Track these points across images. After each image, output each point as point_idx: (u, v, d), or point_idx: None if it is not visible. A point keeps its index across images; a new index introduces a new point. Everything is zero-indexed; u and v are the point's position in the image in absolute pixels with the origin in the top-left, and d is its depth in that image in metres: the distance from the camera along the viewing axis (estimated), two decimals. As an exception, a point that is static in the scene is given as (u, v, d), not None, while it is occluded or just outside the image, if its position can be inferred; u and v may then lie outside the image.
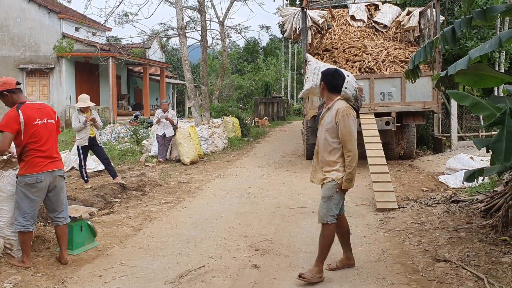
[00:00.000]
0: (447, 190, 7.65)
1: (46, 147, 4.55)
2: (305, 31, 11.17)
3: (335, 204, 4.27)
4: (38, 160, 4.49)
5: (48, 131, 4.61)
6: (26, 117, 4.44)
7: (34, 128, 4.48)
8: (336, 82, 4.23)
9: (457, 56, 11.31)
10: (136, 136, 15.34)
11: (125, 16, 18.24)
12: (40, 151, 4.51)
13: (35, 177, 4.47)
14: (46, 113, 4.66)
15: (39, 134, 4.51)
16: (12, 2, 22.65)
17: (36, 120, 4.52)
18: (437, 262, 4.46)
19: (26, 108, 4.51)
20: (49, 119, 4.66)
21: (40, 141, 4.51)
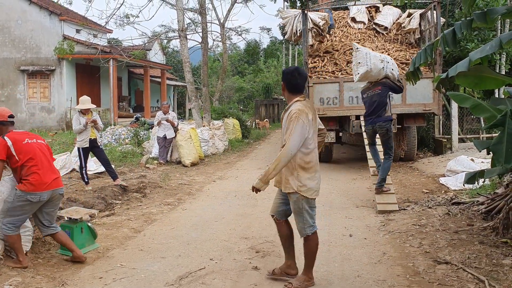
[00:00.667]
0: (448, 192, 7.64)
1: (44, 164, 4.61)
2: (305, 33, 11.18)
3: (308, 213, 4.04)
4: (42, 178, 4.53)
5: (41, 150, 4.68)
6: (13, 140, 4.53)
7: (25, 146, 4.55)
8: (295, 82, 4.00)
9: (457, 58, 11.31)
10: (137, 138, 15.34)
11: (126, 18, 18.32)
12: (40, 168, 4.56)
13: (38, 196, 4.53)
14: (34, 136, 4.78)
15: (33, 151, 4.58)
16: (13, 4, 22.67)
17: (25, 140, 4.61)
18: (438, 264, 4.46)
19: (12, 133, 4.62)
20: (38, 140, 4.76)
21: (35, 157, 4.57)
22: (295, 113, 3.84)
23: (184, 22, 16.27)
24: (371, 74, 7.32)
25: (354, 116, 10.33)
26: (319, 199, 7.66)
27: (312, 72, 11.26)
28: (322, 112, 10.54)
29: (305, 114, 3.86)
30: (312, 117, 3.94)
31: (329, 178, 9.81)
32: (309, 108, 3.95)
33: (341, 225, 6.10)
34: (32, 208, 4.59)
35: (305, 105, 3.94)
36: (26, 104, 23.01)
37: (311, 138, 3.94)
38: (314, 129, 3.99)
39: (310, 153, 3.93)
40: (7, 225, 4.50)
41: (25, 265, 4.55)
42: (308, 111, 3.91)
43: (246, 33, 35.32)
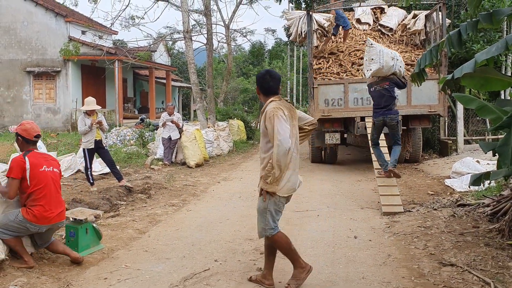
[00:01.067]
0: (453, 194, 7.61)
1: (52, 196, 4.62)
2: (310, 34, 11.18)
3: (271, 216, 3.98)
4: (45, 213, 4.54)
5: (53, 180, 4.68)
6: (32, 164, 4.53)
7: (40, 174, 4.56)
8: (267, 85, 4.03)
9: (463, 59, 11.27)
10: (142, 139, 15.40)
11: (131, 20, 18.38)
12: (48, 201, 4.57)
13: (38, 228, 4.58)
14: (51, 162, 4.75)
15: (45, 181, 4.58)
16: (20, 5, 22.82)
17: (42, 167, 4.60)
18: (443, 266, 4.44)
19: (33, 155, 4.61)
20: (54, 168, 4.75)
21: (46, 188, 4.57)
22: (271, 111, 3.85)
23: (189, 23, 16.31)
24: (382, 71, 7.64)
25: (359, 117, 10.31)
26: (324, 200, 7.69)
27: (317, 73, 11.25)
28: (327, 114, 10.52)
29: (281, 110, 3.87)
30: (288, 114, 3.91)
31: (334, 179, 9.79)
32: (284, 106, 3.94)
33: (346, 227, 6.08)
34: (28, 233, 4.65)
35: (280, 104, 3.95)
36: (32, 105, 23.14)
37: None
38: (291, 128, 3.92)
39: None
40: (2, 231, 4.54)
41: (31, 265, 4.57)
42: (283, 108, 3.91)
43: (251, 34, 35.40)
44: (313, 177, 10.14)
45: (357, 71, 11.05)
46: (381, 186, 7.31)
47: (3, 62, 23.15)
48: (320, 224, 6.29)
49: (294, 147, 3.97)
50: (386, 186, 7.27)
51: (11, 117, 23.15)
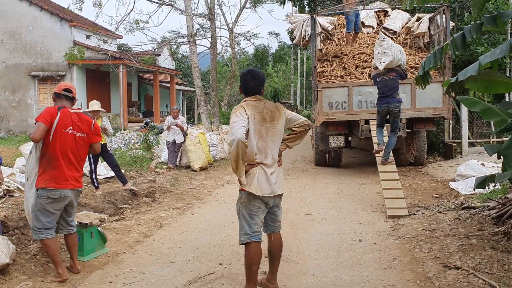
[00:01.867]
0: (458, 197, 7.59)
1: (71, 160, 4.49)
2: (314, 38, 11.18)
3: (245, 220, 3.94)
4: (62, 174, 4.41)
5: (76, 144, 4.53)
6: (60, 119, 4.39)
7: (63, 135, 4.41)
8: (247, 84, 3.97)
9: (467, 62, 11.25)
10: (147, 143, 15.43)
11: (136, 24, 18.45)
12: (64, 164, 4.42)
13: (59, 192, 4.40)
14: (80, 126, 4.56)
15: (66, 144, 4.44)
16: (25, 10, 22.98)
17: (67, 128, 4.46)
18: (449, 270, 4.42)
19: (64, 112, 4.47)
20: (79, 133, 4.55)
21: (65, 152, 4.43)
22: (233, 110, 3.89)
23: (193, 27, 16.38)
24: (392, 63, 8.31)
25: (364, 120, 10.30)
26: (329, 203, 7.69)
27: (321, 76, 11.26)
28: (331, 117, 10.52)
29: (242, 108, 3.84)
30: (253, 114, 3.82)
31: (338, 182, 9.78)
32: (253, 106, 3.87)
33: (351, 230, 6.08)
34: (56, 208, 4.47)
35: (248, 104, 3.90)
36: (37, 110, 23.23)
37: (252, 134, 3.82)
38: (258, 128, 3.83)
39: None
40: (35, 230, 4.44)
41: (65, 277, 4.43)
42: (248, 108, 3.85)
43: (255, 38, 35.49)
44: (317, 180, 10.14)
45: (361, 74, 11.04)
46: (386, 189, 7.29)
47: (9, 66, 23.30)
48: (325, 227, 6.29)
49: (261, 149, 3.86)
50: (391, 189, 7.26)
51: (16, 121, 23.27)
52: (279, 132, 3.97)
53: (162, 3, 17.31)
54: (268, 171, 3.90)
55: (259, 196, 3.89)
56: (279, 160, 4.04)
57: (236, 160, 3.70)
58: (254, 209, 3.93)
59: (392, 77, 8.31)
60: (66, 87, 4.66)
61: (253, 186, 3.85)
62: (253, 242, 3.91)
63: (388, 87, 8.30)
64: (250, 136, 3.82)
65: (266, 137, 3.89)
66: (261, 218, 3.98)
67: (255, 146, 3.84)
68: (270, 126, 3.90)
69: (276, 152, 3.97)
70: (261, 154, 3.88)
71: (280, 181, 3.99)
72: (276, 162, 3.98)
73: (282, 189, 4.03)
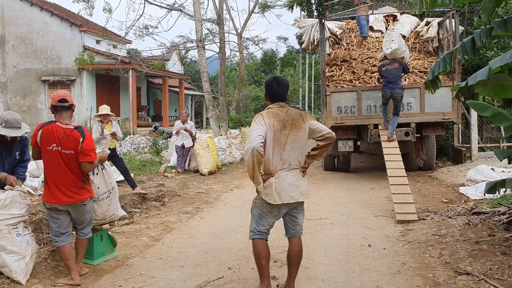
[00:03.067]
0: (468, 202, 7.54)
1: (61, 177, 4.42)
2: (323, 42, 11.19)
3: (254, 219, 4.08)
4: (54, 190, 4.41)
5: (64, 161, 4.41)
6: (42, 137, 4.41)
7: (47, 153, 4.42)
8: (273, 91, 4.05)
9: (476, 67, 11.19)
10: (156, 147, 15.51)
11: (145, 29, 18.54)
12: (54, 182, 4.42)
13: (53, 206, 4.45)
14: (65, 142, 4.40)
15: (52, 160, 4.42)
16: (36, 16, 23.23)
17: (51, 146, 4.40)
18: (459, 275, 4.40)
19: (48, 129, 4.43)
20: (66, 150, 4.40)
21: (52, 168, 4.43)
22: (254, 118, 3.98)
23: (202, 32, 16.45)
24: (397, 52, 9.45)
25: (373, 125, 10.28)
26: (337, 208, 7.68)
27: (329, 80, 11.25)
28: (340, 121, 10.50)
29: (261, 116, 3.93)
30: (273, 122, 3.89)
31: (347, 187, 9.76)
32: (274, 114, 3.94)
33: (360, 235, 6.06)
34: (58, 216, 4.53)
35: (269, 111, 3.98)
36: (47, 114, 23.43)
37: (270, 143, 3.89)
38: (277, 136, 3.89)
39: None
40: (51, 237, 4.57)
41: (77, 282, 4.44)
42: (268, 116, 3.93)
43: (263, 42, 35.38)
44: (326, 185, 10.12)
45: (370, 79, 11.02)
46: (395, 194, 7.27)
47: (19, 71, 23.53)
48: (334, 232, 6.28)
49: (277, 156, 3.92)
50: (400, 194, 7.23)
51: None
52: (300, 140, 4.00)
53: (171, 8, 17.41)
54: (285, 178, 3.94)
55: (274, 204, 3.97)
56: (304, 171, 4.07)
57: (252, 169, 3.78)
58: (265, 211, 4.02)
59: (396, 66, 9.47)
60: (60, 97, 4.48)
61: (269, 196, 3.92)
62: (258, 239, 4.05)
63: (393, 75, 9.43)
64: (267, 145, 3.88)
65: (286, 145, 3.93)
66: (270, 222, 4.07)
67: (272, 154, 3.91)
68: (290, 133, 3.94)
69: (295, 159, 3.99)
70: (279, 161, 3.94)
71: (300, 189, 4.00)
72: (296, 169, 4.01)
73: (301, 197, 4.02)
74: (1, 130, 4.65)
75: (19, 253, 4.43)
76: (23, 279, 4.37)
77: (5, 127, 4.66)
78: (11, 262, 4.37)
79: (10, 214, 4.47)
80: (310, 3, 19.24)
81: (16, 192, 4.59)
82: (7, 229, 4.43)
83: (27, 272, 4.44)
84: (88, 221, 4.73)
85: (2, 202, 4.45)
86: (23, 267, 4.41)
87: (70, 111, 4.56)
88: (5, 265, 4.37)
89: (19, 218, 4.55)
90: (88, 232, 4.77)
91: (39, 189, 8.17)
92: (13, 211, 4.50)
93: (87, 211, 4.65)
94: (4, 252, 4.39)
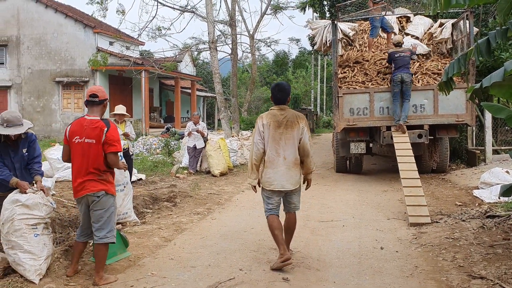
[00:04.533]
0: (482, 205, 7.45)
1: (80, 167, 4.48)
2: (335, 44, 11.15)
3: (264, 201, 5.02)
4: (73, 183, 4.57)
5: (83, 151, 4.45)
6: (70, 132, 4.55)
7: (72, 145, 4.52)
8: (274, 96, 4.94)
9: (491, 68, 11.06)
10: (168, 148, 15.56)
11: (158, 31, 18.67)
12: (74, 174, 4.54)
13: (75, 199, 4.66)
14: (88, 132, 4.46)
15: (75, 152, 4.51)
16: (50, 17, 23.50)
17: (74, 138, 4.50)
18: (473, 279, 4.34)
19: (76, 124, 4.58)
20: (88, 139, 4.45)
21: (74, 160, 4.54)
22: (256, 120, 5.02)
23: (215, 34, 16.50)
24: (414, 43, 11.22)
25: (385, 126, 10.21)
26: (349, 210, 7.65)
27: (342, 82, 11.19)
28: (352, 123, 10.45)
29: (261, 119, 4.91)
30: (269, 122, 4.83)
31: (360, 189, 9.70)
32: (272, 115, 4.87)
33: (372, 238, 6.02)
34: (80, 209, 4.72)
35: (268, 113, 4.95)
36: (61, 115, 23.69)
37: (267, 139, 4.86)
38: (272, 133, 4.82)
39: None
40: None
41: (69, 274, 4.61)
42: (267, 117, 4.89)
43: (275, 44, 35.46)
44: (338, 187, 10.07)
45: (383, 80, 10.96)
46: (408, 196, 7.21)
47: (34, 72, 23.81)
48: (346, 234, 6.24)
49: (273, 150, 4.84)
50: (413, 196, 7.17)
51: (41, 126, 23.73)
52: (292, 137, 4.85)
53: (184, 10, 17.48)
54: (278, 168, 4.84)
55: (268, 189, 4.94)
56: (307, 182, 5.16)
57: (250, 163, 5.00)
58: (267, 195, 4.99)
59: (407, 54, 10.22)
60: (92, 92, 4.59)
61: (266, 184, 4.93)
62: (270, 215, 4.93)
63: (404, 61, 10.08)
64: (266, 141, 4.87)
65: (280, 141, 4.83)
66: (274, 201, 4.96)
67: (269, 149, 4.86)
68: (284, 131, 4.82)
69: (289, 153, 4.85)
70: (275, 155, 4.85)
71: (291, 179, 4.87)
72: (292, 161, 4.86)
73: (291, 187, 4.90)
74: (4, 130, 4.66)
75: (34, 254, 4.47)
76: (36, 278, 4.41)
77: (7, 127, 4.67)
78: (26, 261, 4.41)
79: (31, 214, 4.52)
80: (323, 5, 19.19)
81: (39, 196, 4.64)
82: (27, 228, 4.48)
83: (40, 272, 4.48)
84: (104, 222, 4.51)
85: (25, 201, 4.50)
86: (37, 267, 4.45)
87: (101, 106, 4.63)
88: (20, 263, 4.42)
89: (39, 220, 4.59)
90: (103, 236, 4.50)
91: (52, 189, 8.24)
92: (35, 212, 4.55)
93: (102, 207, 4.50)
94: (20, 251, 4.43)
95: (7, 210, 4.47)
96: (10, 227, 4.43)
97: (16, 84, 24.04)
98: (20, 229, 4.45)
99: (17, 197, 4.52)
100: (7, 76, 24.06)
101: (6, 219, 4.45)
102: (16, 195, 4.55)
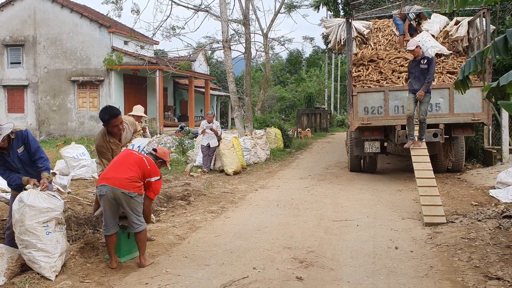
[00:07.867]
0: (499, 205, 7.36)
1: (118, 165, 4.97)
2: (349, 42, 11.09)
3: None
4: (104, 174, 4.98)
5: (123, 158, 5.05)
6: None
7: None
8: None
9: (508, 66, 10.92)
10: (182, 147, 15.64)
11: (172, 30, 18.70)
12: (110, 167, 5.03)
13: (99, 189, 4.87)
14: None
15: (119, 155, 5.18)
16: (66, 17, 23.75)
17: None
18: (489, 280, 4.29)
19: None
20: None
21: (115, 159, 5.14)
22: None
23: (228, 33, 16.50)
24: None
25: (400, 125, 10.12)
26: (364, 210, 7.62)
27: (356, 81, 11.14)
28: (366, 122, 10.39)
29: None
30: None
31: (374, 189, 9.65)
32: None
33: (387, 237, 5.98)
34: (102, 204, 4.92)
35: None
36: (76, 113, 23.93)
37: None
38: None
39: None
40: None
41: (112, 267, 4.90)
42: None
43: (289, 43, 35.29)
44: (352, 186, 10.03)
45: (398, 79, 10.87)
46: (423, 196, 7.14)
47: (50, 72, 24.09)
48: (360, 234, 6.21)
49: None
50: (428, 196, 7.10)
51: (57, 125, 24.02)
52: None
53: (198, 9, 17.52)
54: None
55: None
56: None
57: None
58: None
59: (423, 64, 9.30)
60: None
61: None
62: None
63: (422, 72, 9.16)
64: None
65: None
66: None
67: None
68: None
69: None
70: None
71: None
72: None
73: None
74: None
75: (48, 251, 4.52)
76: (52, 275, 4.47)
77: None
78: (41, 259, 4.48)
79: (38, 210, 4.56)
80: (337, 3, 19.12)
81: (44, 193, 4.69)
82: (38, 227, 4.53)
83: (56, 269, 4.54)
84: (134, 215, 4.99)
85: (32, 200, 4.55)
86: (52, 264, 4.51)
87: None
88: (35, 261, 4.48)
89: (50, 216, 4.63)
90: (135, 227, 4.99)
91: (68, 187, 8.33)
92: (43, 210, 4.59)
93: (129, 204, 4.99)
94: (34, 250, 4.49)
95: (16, 212, 4.54)
96: (22, 227, 4.50)
97: (32, 83, 24.35)
98: (31, 228, 4.50)
99: (21, 198, 4.58)
100: (24, 75, 24.38)
101: (16, 220, 4.52)
102: (20, 196, 4.60)
